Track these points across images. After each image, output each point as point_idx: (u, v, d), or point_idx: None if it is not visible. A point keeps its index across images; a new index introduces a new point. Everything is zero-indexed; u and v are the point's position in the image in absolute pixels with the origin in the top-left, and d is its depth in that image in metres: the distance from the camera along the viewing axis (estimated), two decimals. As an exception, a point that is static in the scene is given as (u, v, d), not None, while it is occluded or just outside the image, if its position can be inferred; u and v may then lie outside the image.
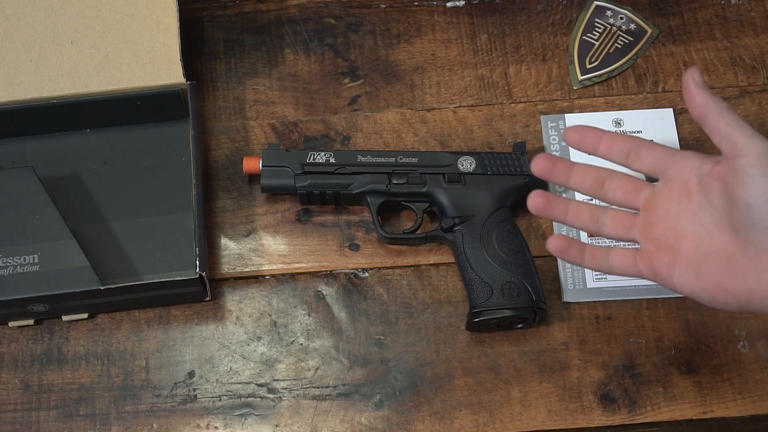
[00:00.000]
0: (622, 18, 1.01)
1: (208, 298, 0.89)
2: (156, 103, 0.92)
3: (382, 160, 0.91)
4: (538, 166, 0.77)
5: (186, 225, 0.90)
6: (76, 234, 0.87)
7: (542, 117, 0.96)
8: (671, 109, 0.97)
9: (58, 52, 0.92)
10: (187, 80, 0.91)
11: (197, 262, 0.85)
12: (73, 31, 0.92)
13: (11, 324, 0.88)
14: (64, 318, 0.88)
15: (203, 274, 0.85)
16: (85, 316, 0.88)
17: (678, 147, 0.95)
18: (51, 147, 0.94)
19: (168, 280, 0.85)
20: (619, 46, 1.00)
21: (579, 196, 0.93)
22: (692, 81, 0.71)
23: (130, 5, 0.93)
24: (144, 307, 0.89)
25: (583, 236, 0.91)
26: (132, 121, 0.94)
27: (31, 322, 0.88)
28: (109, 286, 0.84)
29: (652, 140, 0.77)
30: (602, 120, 0.96)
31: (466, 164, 0.91)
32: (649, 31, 1.00)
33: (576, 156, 0.95)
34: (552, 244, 0.77)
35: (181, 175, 0.92)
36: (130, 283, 0.85)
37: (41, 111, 0.91)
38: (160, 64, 0.91)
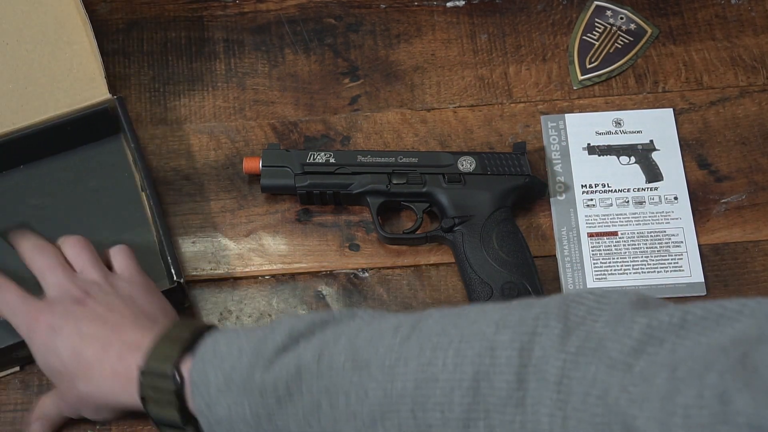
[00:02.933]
0: (622, 18, 1.01)
1: (187, 305, 0.88)
2: (86, 124, 0.90)
3: (382, 160, 0.91)
4: None
5: (147, 238, 0.89)
6: None
7: (542, 117, 0.96)
8: (671, 109, 0.97)
9: None
10: (113, 95, 0.89)
11: (172, 270, 0.84)
12: None
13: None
14: None
15: (181, 280, 0.84)
16: None
17: (678, 147, 0.95)
18: (-13, 190, 0.91)
19: None
20: (619, 46, 1.00)
21: (578, 190, 0.93)
22: None
23: (37, 33, 0.91)
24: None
25: (583, 235, 0.91)
26: (65, 147, 0.91)
27: (17, 368, 0.86)
28: None
29: None
30: (602, 120, 0.96)
31: (466, 164, 0.91)
32: (649, 31, 1.00)
33: (576, 155, 0.95)
34: None
35: (128, 190, 0.90)
36: None
37: None
38: (82, 85, 0.89)
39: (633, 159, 0.95)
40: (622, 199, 0.93)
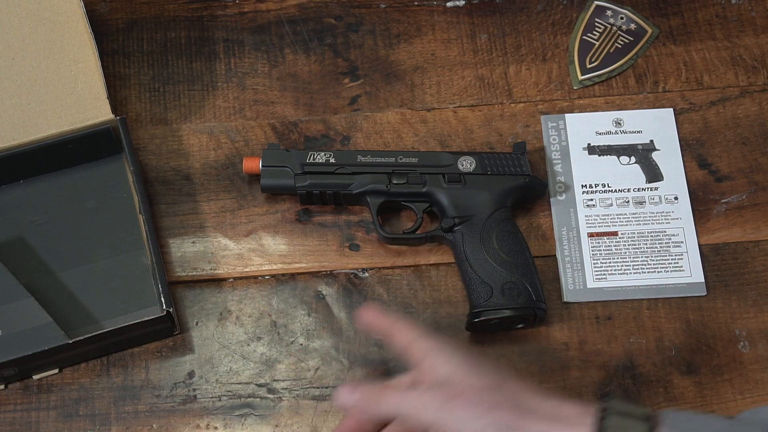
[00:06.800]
0: (622, 18, 1.01)
1: (177, 332, 0.88)
2: (88, 144, 0.90)
3: (382, 160, 0.91)
4: (364, 318, 0.79)
5: (141, 261, 0.89)
6: (32, 290, 0.85)
7: (542, 117, 0.96)
8: (671, 109, 0.97)
9: None
10: (116, 115, 0.89)
11: (161, 299, 0.84)
12: None
13: None
14: (35, 377, 0.86)
15: (170, 310, 0.84)
16: (56, 371, 0.86)
17: (678, 147, 0.95)
18: (-15, 204, 0.91)
19: (137, 321, 0.82)
20: (620, 46, 1.00)
21: (578, 190, 0.93)
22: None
23: (43, 49, 0.90)
24: (114, 352, 0.87)
25: (583, 235, 0.91)
26: (65, 165, 0.91)
27: (1, 387, 0.86)
28: (77, 339, 0.82)
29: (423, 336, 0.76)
30: (602, 120, 0.96)
31: (466, 164, 0.91)
32: (650, 30, 1.00)
33: (576, 155, 0.95)
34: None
35: (125, 212, 0.90)
36: (99, 332, 0.82)
37: None
38: (85, 104, 0.89)
39: (633, 159, 0.95)
40: (622, 199, 0.93)
